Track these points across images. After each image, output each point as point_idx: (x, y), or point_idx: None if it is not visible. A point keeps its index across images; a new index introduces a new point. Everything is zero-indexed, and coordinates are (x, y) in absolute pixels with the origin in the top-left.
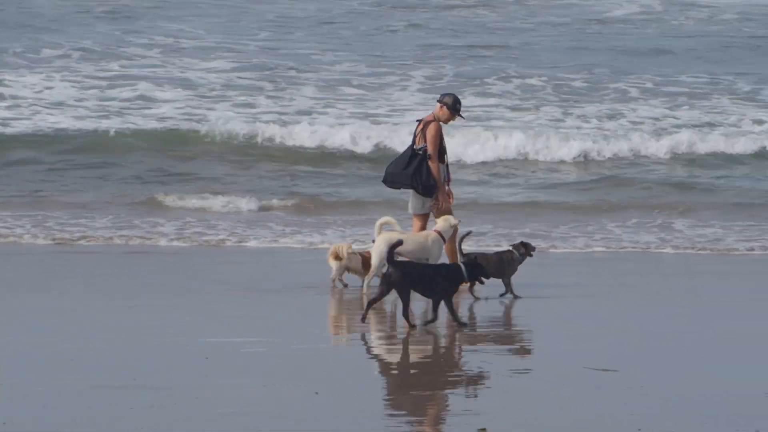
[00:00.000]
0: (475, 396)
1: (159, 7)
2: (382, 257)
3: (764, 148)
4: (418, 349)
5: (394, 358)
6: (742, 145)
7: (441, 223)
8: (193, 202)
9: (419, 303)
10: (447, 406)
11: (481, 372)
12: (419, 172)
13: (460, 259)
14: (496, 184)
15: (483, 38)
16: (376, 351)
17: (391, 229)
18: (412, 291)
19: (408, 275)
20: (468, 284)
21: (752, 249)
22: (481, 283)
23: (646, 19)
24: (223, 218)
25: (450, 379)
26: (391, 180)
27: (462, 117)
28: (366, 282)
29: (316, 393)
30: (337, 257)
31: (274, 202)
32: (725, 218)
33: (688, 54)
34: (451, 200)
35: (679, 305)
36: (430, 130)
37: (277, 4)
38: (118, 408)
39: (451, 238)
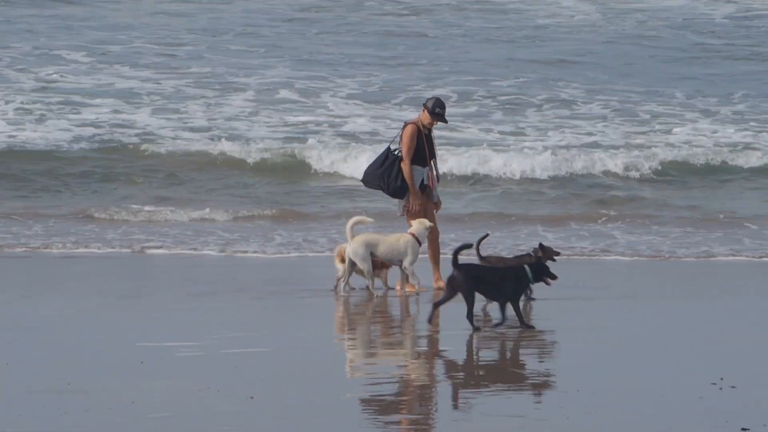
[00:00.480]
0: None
1: (91, 13)
2: (365, 258)
3: (708, 160)
4: (356, 353)
5: (331, 362)
6: (683, 156)
7: (416, 225)
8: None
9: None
10: (382, 411)
11: (431, 377)
12: (389, 172)
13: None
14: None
15: (414, 45)
16: (313, 355)
17: (365, 230)
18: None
19: (472, 277)
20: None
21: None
22: (547, 284)
23: (583, 26)
24: (160, 226)
25: (384, 383)
26: (366, 179)
27: (444, 121)
28: (343, 284)
29: (251, 397)
30: (344, 259)
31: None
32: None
33: (622, 61)
34: (438, 208)
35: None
36: (405, 132)
37: (200, 9)
38: (53, 412)
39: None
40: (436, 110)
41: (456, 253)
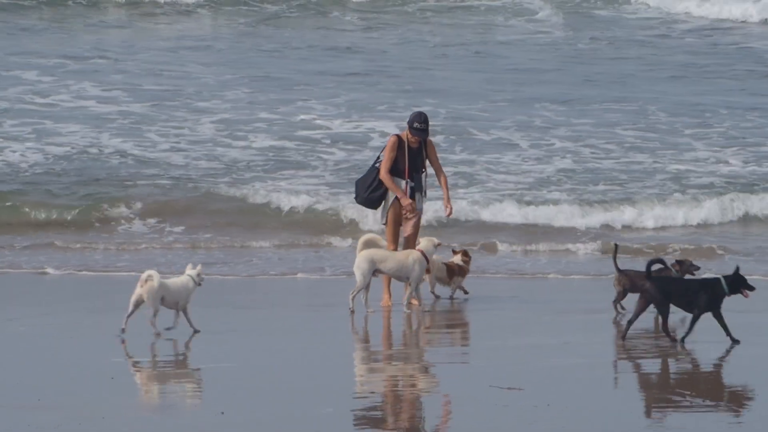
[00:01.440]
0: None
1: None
2: (365, 274)
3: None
4: (323, 365)
5: (303, 377)
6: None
7: (424, 242)
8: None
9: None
10: (358, 426)
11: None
12: (362, 182)
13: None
14: None
15: (372, 62)
16: (282, 371)
17: (373, 246)
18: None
19: (666, 290)
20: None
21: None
22: (745, 296)
23: (552, 43)
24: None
25: (353, 400)
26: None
27: (420, 136)
28: (351, 296)
29: (222, 413)
30: (427, 270)
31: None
32: None
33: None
34: (410, 212)
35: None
36: (387, 144)
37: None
38: (23, 428)
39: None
40: (414, 125)
41: (649, 265)
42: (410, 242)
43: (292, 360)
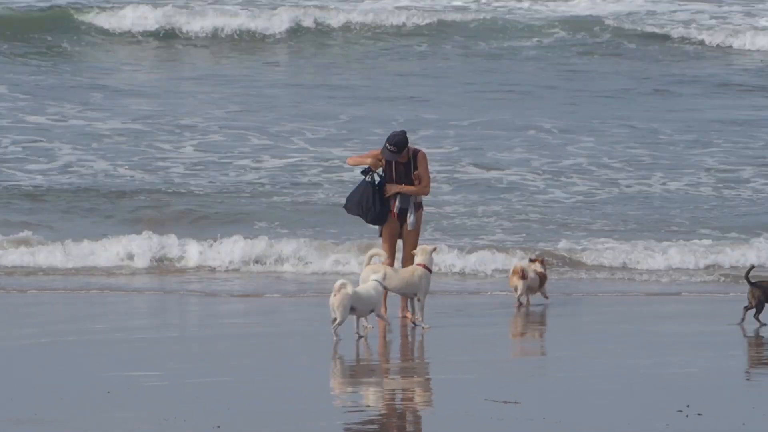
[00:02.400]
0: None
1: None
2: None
3: None
4: (318, 379)
5: (299, 391)
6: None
7: (421, 256)
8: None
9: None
10: None
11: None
12: (366, 199)
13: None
14: None
15: (336, 76)
16: (279, 383)
17: (380, 262)
18: None
19: None
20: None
21: None
22: None
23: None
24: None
25: (346, 414)
26: (347, 206)
27: (386, 156)
28: (374, 315)
29: (218, 427)
30: (523, 276)
31: None
32: None
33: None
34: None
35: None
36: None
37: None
38: None
39: None
40: (386, 145)
41: None
42: (407, 258)
43: (287, 374)
